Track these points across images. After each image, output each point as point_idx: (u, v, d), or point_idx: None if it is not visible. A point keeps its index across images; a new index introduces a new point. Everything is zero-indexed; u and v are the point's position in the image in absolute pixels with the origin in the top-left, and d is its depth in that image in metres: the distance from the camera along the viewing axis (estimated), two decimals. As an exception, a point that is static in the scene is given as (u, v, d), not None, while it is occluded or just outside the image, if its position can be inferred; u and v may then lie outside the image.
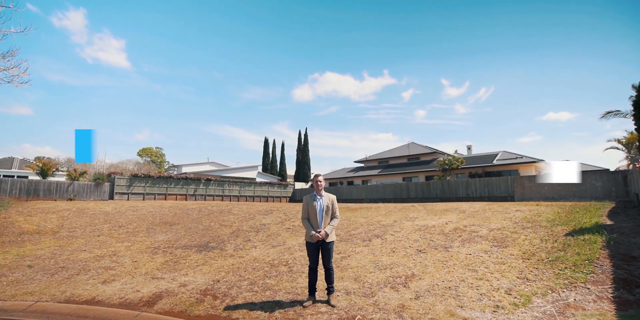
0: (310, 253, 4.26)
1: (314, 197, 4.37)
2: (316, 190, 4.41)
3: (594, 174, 18.70)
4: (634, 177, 12.89)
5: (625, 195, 16.51)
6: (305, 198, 4.43)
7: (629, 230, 6.21)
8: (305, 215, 4.39)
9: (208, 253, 7.57)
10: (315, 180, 4.39)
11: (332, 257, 4.31)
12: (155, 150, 62.57)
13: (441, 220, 9.38)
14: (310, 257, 4.27)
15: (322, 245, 4.22)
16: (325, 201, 4.33)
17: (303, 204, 4.44)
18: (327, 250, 4.23)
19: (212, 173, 34.80)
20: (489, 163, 29.18)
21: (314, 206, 4.28)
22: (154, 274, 5.92)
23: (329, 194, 4.43)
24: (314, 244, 4.21)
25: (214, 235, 9.65)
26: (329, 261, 4.25)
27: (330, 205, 4.33)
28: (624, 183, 17.08)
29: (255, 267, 6.18)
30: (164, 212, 13.57)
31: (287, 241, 8.42)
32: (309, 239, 4.25)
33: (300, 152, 49.23)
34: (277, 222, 11.54)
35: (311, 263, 4.25)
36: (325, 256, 4.24)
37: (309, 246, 4.28)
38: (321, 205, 4.29)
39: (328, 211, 4.31)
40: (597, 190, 18.00)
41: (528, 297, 4.00)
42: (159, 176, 24.22)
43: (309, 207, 4.34)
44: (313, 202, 4.31)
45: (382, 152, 42.06)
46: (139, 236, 9.57)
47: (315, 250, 4.23)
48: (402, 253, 6.36)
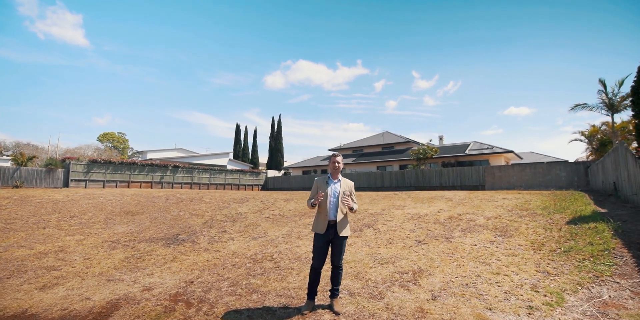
0: (318, 249, 3.44)
1: (327, 180, 3.55)
2: (331, 172, 3.59)
3: (558, 165, 19.52)
4: (600, 168, 13.28)
5: (586, 184, 17.35)
6: (317, 181, 3.59)
7: (629, 218, 6.01)
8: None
9: (178, 247, 6.57)
10: (333, 160, 3.55)
11: (343, 254, 3.53)
12: (117, 135, 58.37)
13: (431, 208, 8.95)
14: (315, 254, 3.46)
15: (334, 239, 3.44)
16: (343, 187, 3.52)
17: (313, 187, 3.61)
18: (340, 246, 3.45)
19: (180, 160, 32.78)
20: (461, 153, 29.70)
21: (327, 192, 3.46)
22: (110, 275, 4.88)
23: (347, 180, 3.63)
24: (323, 237, 3.42)
25: (184, 225, 8.59)
26: (340, 259, 3.48)
27: (348, 192, 3.53)
28: (585, 173, 17.95)
29: (236, 263, 5.31)
30: (126, 201, 12.15)
31: (269, 232, 7.59)
32: (317, 228, 3.46)
33: (273, 140, 47.84)
34: (254, 210, 10.64)
35: (315, 261, 3.45)
36: (337, 253, 3.46)
37: (316, 240, 3.47)
38: (337, 190, 3.49)
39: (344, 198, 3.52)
40: (561, 180, 18.85)
41: (559, 294, 3.50)
42: (122, 162, 22.20)
43: (319, 190, 3.52)
44: (326, 187, 3.49)
45: (357, 141, 41.85)
46: (95, 228, 8.29)
47: (324, 245, 3.43)
48: (401, 244, 5.77)
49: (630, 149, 7.72)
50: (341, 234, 3.42)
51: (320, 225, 3.45)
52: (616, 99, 21.40)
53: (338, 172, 3.59)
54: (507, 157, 29.99)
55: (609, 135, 25.19)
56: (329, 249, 3.49)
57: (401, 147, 35.62)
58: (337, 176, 3.58)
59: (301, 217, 9.30)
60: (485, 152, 28.97)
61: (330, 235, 3.42)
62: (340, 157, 3.60)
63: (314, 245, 3.50)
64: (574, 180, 18.21)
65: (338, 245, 3.45)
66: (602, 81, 22.06)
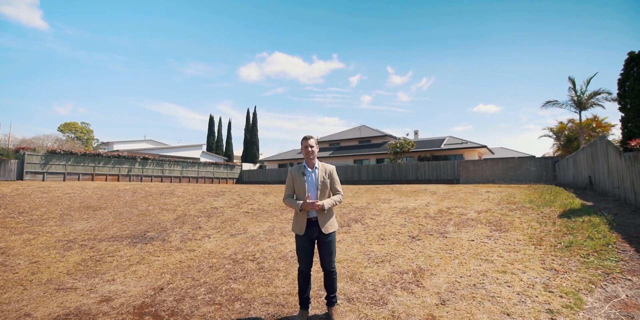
0: (301, 250, 2.92)
1: (302, 169, 3.01)
2: (306, 159, 3.03)
3: (529, 160, 20.25)
4: (571, 163, 13.72)
5: (554, 178, 18.11)
6: (291, 171, 3.06)
7: (619, 211, 5.98)
8: (290, 192, 3.05)
9: (145, 246, 5.82)
10: (304, 145, 2.97)
11: (334, 255, 3.01)
12: (81, 125, 54.58)
13: (418, 202, 8.69)
14: (300, 257, 2.93)
15: (318, 237, 2.91)
16: (320, 174, 2.98)
17: (287, 179, 3.07)
18: (327, 245, 2.91)
19: (149, 151, 30.98)
20: (436, 147, 30.13)
21: (302, 182, 2.93)
22: (61, 282, 4.11)
23: (326, 164, 3.09)
24: (305, 237, 2.89)
25: (153, 221, 7.78)
26: (330, 261, 2.95)
27: (327, 180, 2.99)
28: (553, 168, 18.74)
29: (213, 264, 4.69)
30: (87, 194, 11.01)
31: (249, 228, 6.98)
32: (296, 229, 2.94)
33: (248, 132, 46.53)
34: (231, 205, 9.95)
35: (301, 265, 2.92)
36: (325, 254, 2.92)
37: (298, 240, 2.94)
38: (314, 180, 2.96)
39: (324, 189, 2.98)
40: (532, 174, 19.58)
41: (575, 294, 3.22)
42: (85, 153, 20.49)
43: (295, 184, 3.00)
44: (301, 177, 2.96)
45: (334, 134, 41.61)
46: (47, 225, 7.30)
47: (308, 245, 2.90)
48: (394, 241, 5.39)
49: (613, 142, 7.79)
50: (326, 231, 2.87)
51: (299, 224, 2.91)
52: (584, 97, 22.33)
53: (313, 158, 3.02)
54: (480, 151, 30.81)
55: (575, 131, 26.43)
56: (314, 248, 2.97)
57: (378, 141, 35.72)
58: (313, 163, 3.02)
59: (282, 211, 8.74)
60: (460, 146, 29.55)
61: (313, 234, 2.89)
62: (314, 139, 2.99)
63: (297, 247, 2.97)
64: (543, 175, 18.94)
65: (325, 245, 2.90)
66: (571, 79, 22.93)
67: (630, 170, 6.43)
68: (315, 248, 2.96)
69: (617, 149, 7.47)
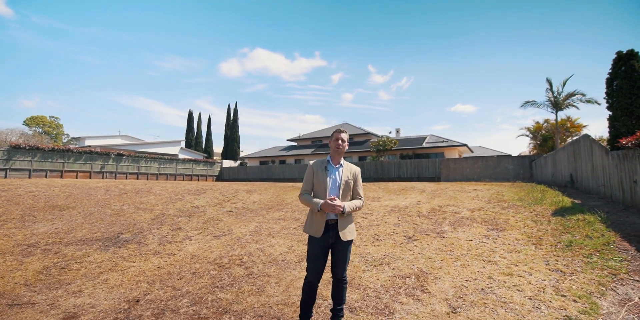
0: (314, 257, 2.57)
1: (325, 164, 2.67)
2: (332, 153, 2.70)
3: (507, 158, 20.81)
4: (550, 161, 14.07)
5: (530, 177, 18.70)
6: (312, 165, 2.70)
7: (610, 209, 5.99)
8: (309, 188, 2.69)
9: (119, 250, 5.28)
10: (336, 137, 2.65)
11: (348, 263, 2.70)
12: (49, 119, 51.57)
13: (408, 200, 8.52)
14: (311, 263, 2.59)
15: (335, 244, 2.58)
16: (344, 173, 2.66)
17: (306, 173, 2.71)
18: (344, 253, 2.59)
19: (124, 147, 29.55)
20: (418, 145, 30.45)
21: (325, 181, 2.59)
22: (16, 296, 3.56)
23: (351, 165, 2.77)
24: (320, 242, 2.55)
25: (127, 222, 7.18)
26: (344, 269, 2.63)
27: (350, 181, 2.67)
28: (530, 166, 19.34)
29: (196, 270, 4.26)
30: (54, 192, 10.14)
31: (234, 229, 6.55)
32: (312, 230, 2.58)
33: (229, 128, 45.39)
34: (213, 203, 9.43)
35: (310, 274, 2.58)
36: (340, 262, 2.60)
37: (312, 245, 2.59)
38: (338, 179, 2.62)
39: (347, 190, 2.65)
40: (509, 172, 20.12)
41: (588, 298, 3.06)
42: (53, 149, 19.18)
43: (315, 179, 2.64)
44: (323, 172, 2.62)
45: (316, 131, 41.34)
46: (5, 228, 6.55)
47: (322, 252, 2.57)
48: (390, 241, 5.13)
49: (598, 141, 7.89)
50: (345, 237, 2.55)
51: (315, 225, 2.57)
52: (560, 97, 23.09)
53: (341, 155, 2.70)
54: (460, 150, 31.41)
55: (550, 131, 27.38)
56: (328, 257, 2.65)
57: (360, 139, 35.74)
58: (339, 160, 2.70)
59: (268, 210, 8.34)
60: (441, 145, 29.98)
61: (330, 239, 2.56)
62: (346, 134, 2.71)
63: (309, 253, 2.62)
64: (520, 173, 19.47)
65: (341, 252, 2.58)
66: (549, 81, 23.65)
67: (619, 168, 6.48)
68: (328, 256, 2.63)
69: (603, 148, 7.56)
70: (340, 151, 2.65)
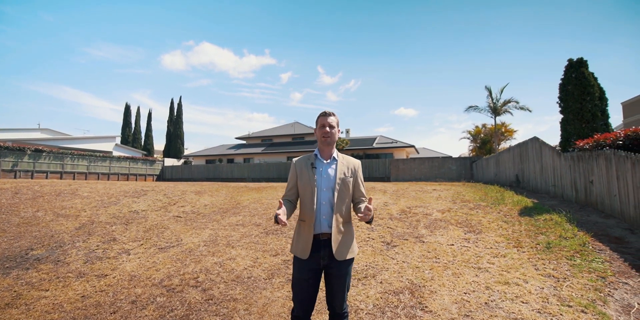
0: (300, 284, 1.90)
1: (312, 159, 2.01)
2: (320, 144, 2.03)
3: (450, 159, 22.11)
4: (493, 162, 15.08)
5: (471, 177, 20.06)
6: (295, 163, 2.04)
7: (569, 209, 6.23)
8: (291, 194, 2.03)
9: (26, 273, 4.02)
10: (321, 122, 1.98)
11: (347, 292, 2.03)
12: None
13: (374, 201, 8.19)
14: (296, 292, 1.92)
15: (327, 266, 1.91)
16: (340, 169, 1.99)
17: (290, 174, 2.05)
18: (342, 279, 1.92)
19: (45, 143, 25.47)
20: (369, 146, 31.11)
21: (312, 181, 1.93)
22: None
23: (349, 157, 2.10)
24: (307, 264, 1.89)
25: (42, 234, 5.73)
26: (342, 300, 1.95)
27: (348, 179, 1.99)
28: (471, 167, 20.78)
29: (137, 297, 3.30)
30: (-62, 197, 7.94)
31: (184, 238, 5.55)
32: (297, 249, 1.93)
33: (172, 124, 42.09)
34: (157, 207, 8.17)
35: (298, 307, 1.92)
36: (336, 290, 1.93)
37: (297, 268, 1.93)
38: (331, 177, 1.96)
39: (344, 191, 1.96)
40: (453, 172, 21.40)
41: (594, 307, 2.85)
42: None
43: (299, 180, 1.99)
44: (310, 173, 1.96)
45: (266, 130, 40.31)
46: None
47: (312, 277, 1.90)
48: (368, 249, 4.64)
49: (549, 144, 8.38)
50: (341, 257, 1.90)
51: (302, 243, 1.92)
52: (498, 104, 25.16)
53: (331, 145, 2.02)
54: (408, 151, 32.78)
55: (488, 135, 29.82)
56: (320, 282, 1.98)
57: (311, 138, 35.54)
58: (330, 152, 2.04)
59: (223, 214, 7.38)
60: (390, 146, 30.95)
61: (321, 260, 1.90)
62: (335, 117, 2.00)
63: (294, 278, 1.96)
64: (462, 173, 20.77)
65: (337, 278, 1.92)
66: (487, 88, 25.65)
67: (572, 169, 6.82)
68: (319, 283, 1.96)
69: (554, 149, 7.99)
70: (330, 141, 1.99)
